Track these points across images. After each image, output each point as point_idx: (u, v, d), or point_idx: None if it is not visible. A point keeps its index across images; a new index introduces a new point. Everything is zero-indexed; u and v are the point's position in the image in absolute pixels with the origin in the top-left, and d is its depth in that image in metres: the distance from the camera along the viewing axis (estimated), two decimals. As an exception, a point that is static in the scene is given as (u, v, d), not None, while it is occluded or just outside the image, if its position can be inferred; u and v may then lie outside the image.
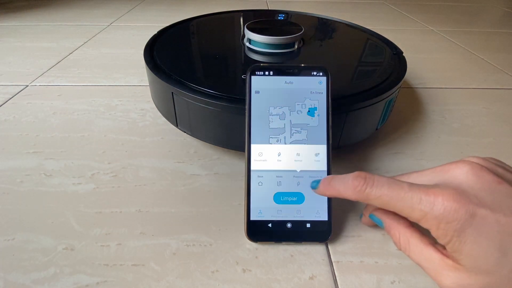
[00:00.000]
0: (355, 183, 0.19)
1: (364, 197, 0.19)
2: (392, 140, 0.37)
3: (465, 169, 0.18)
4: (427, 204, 0.17)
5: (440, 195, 0.17)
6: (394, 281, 0.22)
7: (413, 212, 0.18)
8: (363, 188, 0.19)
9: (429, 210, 0.17)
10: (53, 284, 0.22)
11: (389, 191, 0.18)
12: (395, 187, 0.18)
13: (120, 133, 0.37)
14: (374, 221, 0.22)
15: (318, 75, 0.26)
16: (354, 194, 0.20)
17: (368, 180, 0.19)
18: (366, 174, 0.20)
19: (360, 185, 0.19)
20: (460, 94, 0.48)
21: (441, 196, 0.17)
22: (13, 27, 0.69)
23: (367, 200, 0.19)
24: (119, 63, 0.54)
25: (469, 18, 0.87)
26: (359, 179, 0.19)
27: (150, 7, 0.87)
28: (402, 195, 0.18)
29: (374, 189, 0.19)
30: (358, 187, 0.19)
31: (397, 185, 0.18)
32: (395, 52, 0.38)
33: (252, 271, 0.23)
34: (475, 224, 0.16)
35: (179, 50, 0.37)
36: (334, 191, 0.21)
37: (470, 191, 0.17)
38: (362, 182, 0.19)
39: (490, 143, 0.37)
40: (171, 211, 0.27)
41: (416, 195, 0.18)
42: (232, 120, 0.28)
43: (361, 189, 0.19)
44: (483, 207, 0.16)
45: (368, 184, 0.19)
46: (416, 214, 0.18)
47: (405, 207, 0.18)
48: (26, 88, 0.46)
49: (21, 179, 0.30)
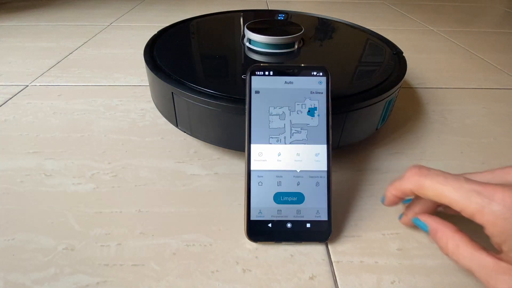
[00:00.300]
0: (409, 173, 0.20)
1: (418, 186, 0.19)
2: (392, 140, 0.37)
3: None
4: (485, 198, 0.17)
5: (500, 191, 0.17)
6: (394, 281, 0.22)
7: (470, 204, 0.17)
8: (417, 176, 0.19)
9: (486, 204, 0.17)
10: (53, 284, 0.22)
11: (444, 180, 0.18)
12: (450, 177, 0.18)
13: (120, 133, 0.37)
14: (417, 225, 0.22)
15: (318, 75, 0.26)
16: (410, 183, 0.20)
17: (422, 169, 0.20)
18: (420, 166, 0.20)
19: (414, 173, 0.20)
20: (460, 94, 0.48)
21: (501, 192, 0.16)
22: (13, 27, 0.69)
23: (422, 189, 0.19)
24: (119, 63, 0.54)
25: (469, 18, 0.87)
26: (414, 169, 0.20)
27: (150, 7, 0.87)
28: (459, 185, 0.18)
29: (428, 178, 0.19)
30: (413, 176, 0.20)
31: (452, 176, 0.18)
32: (395, 52, 0.38)
33: (252, 271, 0.23)
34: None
35: (179, 50, 0.37)
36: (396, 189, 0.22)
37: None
38: (416, 170, 0.20)
39: (490, 143, 0.37)
40: (171, 211, 0.27)
41: (474, 187, 0.17)
42: (232, 120, 0.28)
43: (414, 178, 0.20)
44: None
45: (422, 173, 0.19)
46: (472, 207, 0.17)
47: (461, 198, 0.17)
48: (26, 88, 0.46)
49: (21, 179, 0.30)
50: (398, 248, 0.25)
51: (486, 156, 0.35)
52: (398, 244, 0.25)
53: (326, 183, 0.24)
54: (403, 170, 0.32)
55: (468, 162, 0.34)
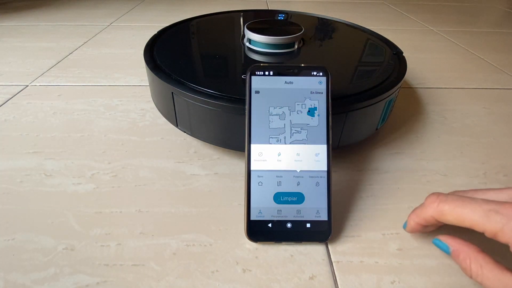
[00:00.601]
0: (428, 201, 0.21)
1: (439, 212, 0.20)
2: (392, 140, 0.37)
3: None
4: (504, 216, 0.17)
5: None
6: (394, 281, 0.22)
7: (490, 224, 0.17)
8: (436, 203, 0.20)
9: (506, 221, 0.17)
10: (53, 284, 0.22)
11: (462, 204, 0.19)
12: (468, 200, 0.19)
13: (120, 133, 0.37)
14: (438, 247, 0.22)
15: (318, 75, 0.26)
16: (430, 210, 0.20)
17: (440, 195, 0.20)
18: (438, 193, 0.21)
19: (433, 201, 0.20)
20: (460, 94, 0.48)
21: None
22: (13, 27, 0.69)
23: (442, 215, 0.20)
24: (119, 63, 0.54)
25: (469, 18, 0.87)
26: (432, 196, 0.21)
27: (150, 7, 0.87)
28: (477, 206, 0.18)
29: (447, 203, 0.19)
30: (432, 203, 0.20)
31: (470, 198, 0.19)
32: (395, 52, 0.39)
33: (252, 271, 0.23)
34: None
35: (179, 50, 0.37)
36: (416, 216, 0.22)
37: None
38: (435, 197, 0.20)
39: (490, 143, 0.37)
40: (171, 211, 0.27)
41: (492, 207, 0.17)
42: (232, 120, 0.28)
43: (434, 205, 0.20)
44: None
45: (440, 200, 0.20)
46: (492, 227, 0.17)
47: (481, 219, 0.18)
48: (26, 88, 0.46)
49: (21, 179, 0.30)
50: (398, 248, 0.25)
51: (486, 156, 0.35)
52: (398, 244, 0.25)
53: (326, 183, 0.24)
54: (403, 170, 0.32)
55: (468, 162, 0.34)
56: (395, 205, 0.28)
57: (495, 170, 0.33)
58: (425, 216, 0.21)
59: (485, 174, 0.33)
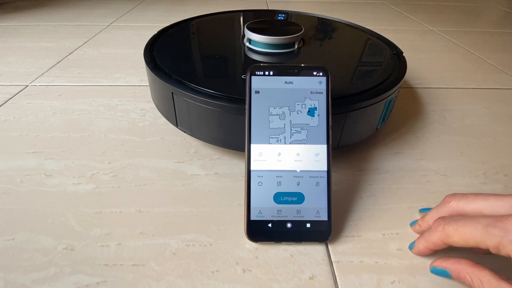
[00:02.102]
0: (435, 225, 0.21)
1: (445, 236, 0.20)
2: (392, 140, 0.37)
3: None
4: (501, 230, 0.17)
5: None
6: (394, 281, 0.22)
7: (490, 238, 0.18)
8: (441, 226, 0.21)
9: (504, 234, 0.17)
10: (53, 284, 0.22)
11: (464, 223, 0.19)
12: (468, 218, 0.19)
13: (120, 133, 0.37)
14: (437, 274, 0.22)
15: (318, 75, 0.26)
16: (437, 235, 0.21)
17: (445, 219, 0.21)
18: (444, 217, 0.21)
19: (438, 224, 0.21)
20: (460, 94, 0.48)
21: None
22: (13, 27, 0.69)
23: (448, 237, 0.20)
24: (119, 63, 0.54)
25: (469, 18, 0.87)
26: (439, 220, 0.21)
27: (150, 7, 0.87)
28: (477, 224, 0.19)
29: (451, 225, 0.20)
30: (438, 227, 0.21)
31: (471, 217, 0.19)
32: (395, 52, 0.38)
33: (252, 271, 0.23)
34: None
35: (179, 50, 0.37)
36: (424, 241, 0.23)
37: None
38: (440, 221, 0.21)
39: (490, 143, 0.37)
40: (171, 211, 0.27)
41: (491, 222, 0.18)
42: (232, 120, 0.28)
43: (439, 228, 0.21)
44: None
45: (446, 223, 0.20)
46: (493, 241, 0.18)
47: (482, 236, 0.18)
48: (26, 88, 0.46)
49: (21, 179, 0.30)
50: (398, 248, 0.25)
51: (486, 156, 0.35)
52: (398, 244, 0.25)
53: (326, 183, 0.24)
54: (403, 170, 0.32)
55: (468, 162, 0.34)
56: (395, 205, 0.28)
57: (495, 170, 0.33)
58: (434, 240, 0.22)
59: (485, 174, 0.33)
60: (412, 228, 0.26)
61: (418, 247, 0.23)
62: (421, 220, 0.25)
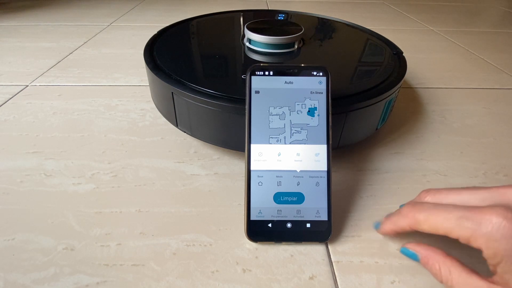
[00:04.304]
0: (405, 211, 0.21)
1: (414, 222, 0.20)
2: (392, 140, 0.37)
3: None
4: (474, 221, 0.17)
5: (488, 213, 0.17)
6: (394, 281, 0.22)
7: (461, 229, 0.18)
8: (412, 213, 0.20)
9: (477, 227, 0.17)
10: (53, 284, 0.22)
11: (436, 212, 0.19)
12: (441, 208, 0.19)
13: (120, 133, 0.37)
14: (407, 255, 0.22)
15: (318, 75, 0.26)
16: (406, 220, 0.21)
17: (416, 205, 0.20)
18: (415, 202, 0.21)
19: (409, 211, 0.21)
20: (460, 94, 0.48)
21: (489, 214, 0.17)
22: (13, 27, 0.69)
23: (417, 225, 0.20)
24: (119, 63, 0.54)
25: (469, 18, 0.87)
26: (408, 206, 0.21)
27: (150, 7, 0.87)
28: (448, 214, 0.18)
29: (422, 213, 0.20)
30: (408, 213, 0.21)
31: (443, 206, 0.19)
32: (395, 52, 0.38)
33: (252, 271, 0.23)
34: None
35: (179, 50, 0.37)
36: (391, 223, 0.22)
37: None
38: (410, 207, 0.21)
39: (490, 143, 0.37)
40: (171, 211, 0.27)
41: (464, 213, 0.18)
42: (232, 120, 0.28)
43: (410, 215, 0.20)
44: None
45: (416, 209, 0.20)
46: (464, 233, 0.18)
47: (453, 226, 0.18)
48: (26, 88, 0.46)
49: (21, 179, 0.30)
50: (398, 248, 0.25)
51: (486, 156, 0.35)
52: (398, 244, 0.25)
53: (326, 183, 0.24)
54: (403, 170, 0.32)
55: (468, 162, 0.34)
56: (395, 205, 0.28)
57: (495, 170, 0.33)
58: (402, 225, 0.21)
59: (485, 174, 0.33)
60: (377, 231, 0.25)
61: (384, 229, 0.23)
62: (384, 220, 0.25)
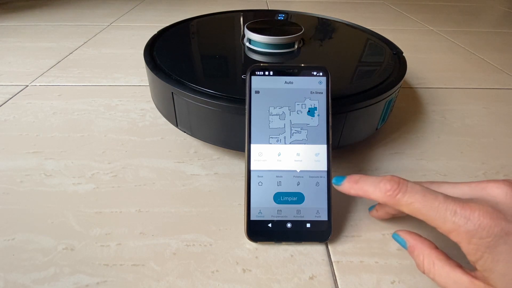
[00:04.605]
0: (387, 187, 0.19)
1: (394, 202, 0.19)
2: (392, 140, 0.37)
3: (505, 189, 0.18)
4: (461, 218, 0.17)
5: (477, 210, 0.17)
6: (394, 281, 0.22)
7: (445, 223, 0.17)
8: (395, 193, 0.19)
9: (463, 223, 0.17)
10: (53, 284, 0.22)
11: (422, 199, 0.18)
12: (429, 196, 0.18)
13: (120, 133, 0.37)
14: (396, 241, 0.22)
15: (318, 75, 0.26)
16: (384, 198, 0.19)
17: (401, 185, 0.19)
18: (400, 179, 0.19)
19: (393, 190, 0.19)
20: (460, 94, 0.48)
21: (478, 212, 0.17)
22: (13, 27, 0.69)
23: (396, 205, 0.19)
24: (119, 63, 0.54)
25: (469, 18, 0.87)
26: (392, 183, 0.19)
27: (150, 7, 0.87)
28: (436, 205, 0.18)
29: (407, 195, 0.19)
30: (390, 191, 0.19)
31: (431, 194, 0.18)
32: (395, 52, 0.38)
33: (252, 271, 0.23)
34: (509, 243, 0.16)
35: (179, 50, 0.37)
36: (361, 191, 0.21)
37: (508, 211, 0.17)
38: (395, 186, 0.19)
39: (490, 143, 0.37)
40: (171, 211, 0.27)
41: (451, 206, 0.17)
42: (232, 120, 0.28)
43: (392, 194, 0.19)
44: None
45: (401, 190, 0.19)
46: (448, 226, 0.17)
47: (438, 217, 0.18)
48: (26, 88, 0.46)
49: (21, 179, 0.30)
50: (398, 248, 0.25)
51: (486, 156, 0.35)
52: (398, 244, 0.25)
53: (326, 183, 0.24)
54: (403, 170, 0.32)
55: (468, 162, 0.34)
56: (395, 205, 0.28)
57: (495, 170, 0.33)
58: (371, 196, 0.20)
59: (485, 174, 0.33)
60: (370, 213, 0.26)
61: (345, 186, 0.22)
62: (379, 205, 0.25)
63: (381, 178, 0.20)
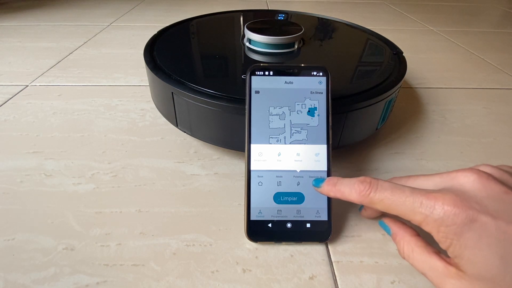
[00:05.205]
0: (360, 187, 0.20)
1: (368, 201, 0.20)
2: (392, 140, 0.37)
3: (472, 177, 0.18)
4: (427, 208, 0.18)
5: (441, 199, 0.17)
6: (394, 281, 0.22)
7: (414, 215, 0.18)
8: (367, 192, 0.20)
9: (429, 213, 0.17)
10: (53, 284, 0.22)
11: (391, 195, 0.19)
12: (397, 191, 0.19)
13: (120, 133, 0.37)
14: (382, 227, 0.23)
15: (318, 75, 0.26)
16: (359, 198, 0.21)
17: (372, 184, 0.20)
18: (371, 179, 0.21)
19: (365, 190, 0.20)
20: (460, 94, 0.48)
21: (442, 200, 0.17)
22: (13, 27, 0.69)
23: (371, 204, 0.20)
24: (119, 63, 0.54)
25: (469, 18, 0.87)
26: (365, 183, 0.20)
27: (150, 7, 0.87)
28: (404, 199, 0.19)
29: (377, 193, 0.20)
30: (363, 191, 0.20)
31: (399, 189, 0.19)
32: (395, 52, 0.38)
33: (252, 271, 0.23)
34: (475, 229, 0.16)
35: (179, 50, 0.37)
36: (339, 193, 0.22)
37: (473, 198, 0.17)
38: (367, 186, 0.20)
39: (490, 143, 0.37)
40: (171, 211, 0.27)
41: (418, 199, 0.18)
42: (232, 120, 0.28)
43: (365, 193, 0.20)
44: (485, 214, 0.16)
45: (372, 189, 0.20)
46: (417, 217, 0.18)
47: (407, 210, 0.18)
48: (26, 88, 0.46)
49: (21, 179, 0.30)
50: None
51: (486, 156, 0.35)
52: (398, 244, 0.25)
53: (326, 183, 0.24)
54: (403, 170, 0.32)
55: (468, 162, 0.34)
56: (395, 205, 0.28)
57: (495, 170, 0.33)
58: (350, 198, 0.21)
59: (485, 174, 0.33)
60: (361, 214, 0.26)
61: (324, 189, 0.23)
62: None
63: (355, 180, 0.21)
